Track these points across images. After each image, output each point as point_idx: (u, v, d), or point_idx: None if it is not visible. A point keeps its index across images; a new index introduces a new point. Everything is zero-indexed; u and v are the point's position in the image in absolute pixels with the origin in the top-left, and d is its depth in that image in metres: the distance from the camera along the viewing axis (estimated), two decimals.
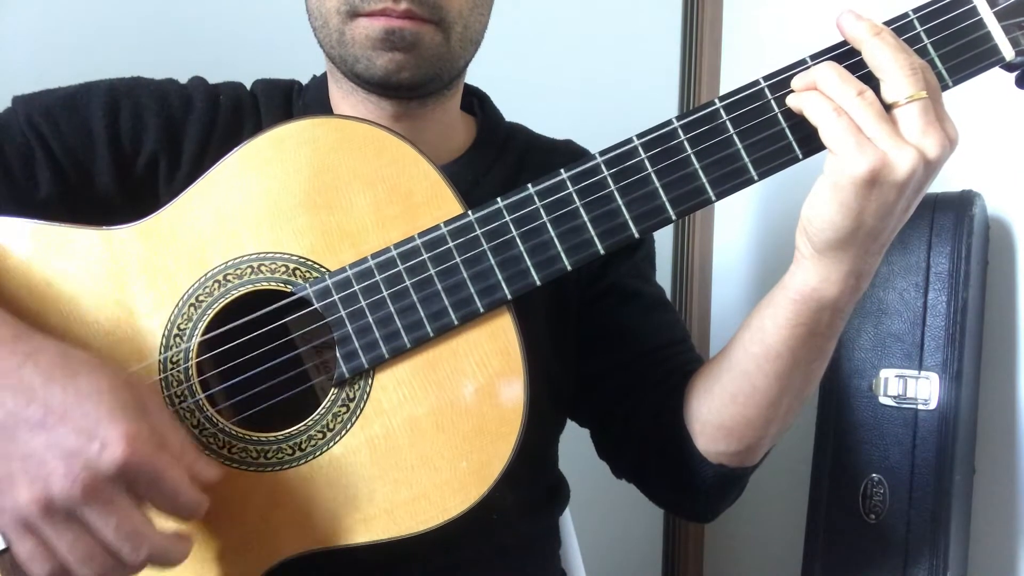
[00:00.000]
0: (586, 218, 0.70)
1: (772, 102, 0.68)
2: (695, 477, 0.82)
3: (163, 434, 0.61)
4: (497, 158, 0.91)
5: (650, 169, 0.69)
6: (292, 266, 0.72)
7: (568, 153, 0.96)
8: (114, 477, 0.58)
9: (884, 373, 1.21)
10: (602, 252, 0.70)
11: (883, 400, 1.21)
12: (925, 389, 1.18)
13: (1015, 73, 0.71)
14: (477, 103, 0.95)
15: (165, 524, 0.63)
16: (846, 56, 0.67)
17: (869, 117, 0.63)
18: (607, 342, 0.90)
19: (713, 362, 0.80)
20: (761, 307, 0.74)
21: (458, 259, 0.70)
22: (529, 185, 0.70)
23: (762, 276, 1.63)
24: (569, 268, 0.70)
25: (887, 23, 0.67)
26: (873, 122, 0.63)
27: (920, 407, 1.18)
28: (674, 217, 0.70)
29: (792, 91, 0.67)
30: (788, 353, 0.72)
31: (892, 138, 0.63)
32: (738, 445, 0.79)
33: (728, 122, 0.68)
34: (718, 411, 0.78)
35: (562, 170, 0.70)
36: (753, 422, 0.77)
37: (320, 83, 0.90)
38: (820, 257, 0.68)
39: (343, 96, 0.86)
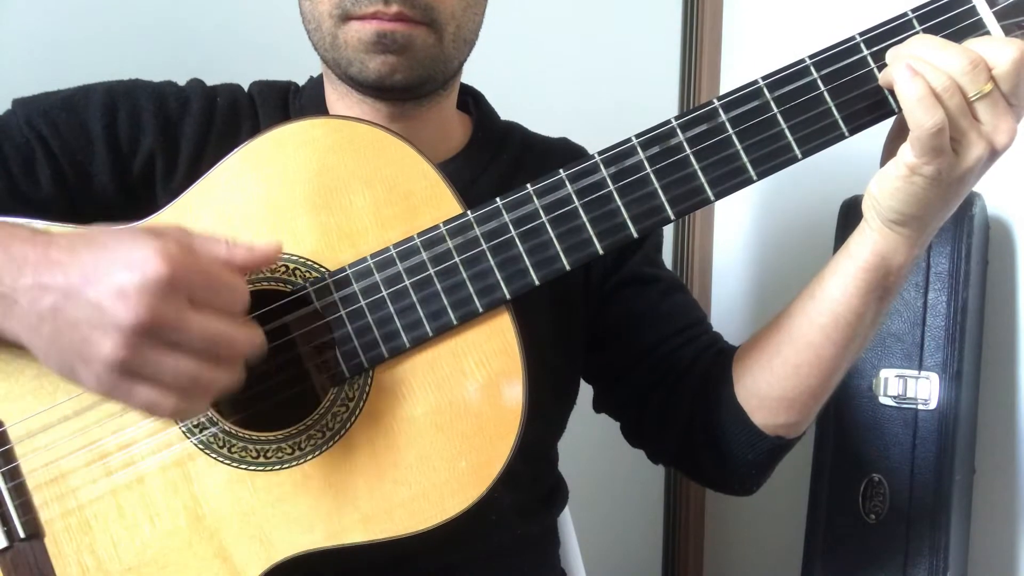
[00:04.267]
0: (585, 218, 0.70)
1: (771, 102, 0.68)
2: (750, 451, 0.83)
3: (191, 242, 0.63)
4: (493, 157, 0.91)
5: (649, 169, 0.69)
6: (292, 266, 0.72)
7: (565, 151, 0.96)
8: (167, 290, 0.59)
9: (884, 373, 1.21)
10: (601, 252, 0.70)
11: (883, 400, 1.21)
12: (925, 389, 1.18)
13: None
14: (472, 102, 0.95)
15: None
16: (846, 54, 0.67)
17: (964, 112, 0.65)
18: (632, 330, 0.91)
19: (766, 337, 0.80)
20: (824, 278, 0.75)
21: (457, 259, 0.70)
22: (528, 185, 0.70)
23: (762, 276, 1.63)
24: (568, 268, 0.70)
25: (886, 23, 0.67)
26: (962, 119, 0.65)
27: (920, 407, 1.18)
28: (673, 217, 0.70)
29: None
30: (857, 320, 0.74)
31: (972, 133, 0.65)
32: (798, 415, 0.81)
33: (727, 122, 0.68)
34: (779, 384, 0.79)
35: (561, 170, 0.70)
36: (815, 390, 0.79)
37: (316, 84, 0.90)
38: (889, 231, 0.71)
39: (339, 97, 0.86)
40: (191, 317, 0.60)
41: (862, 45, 0.68)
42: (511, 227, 0.70)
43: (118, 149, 0.82)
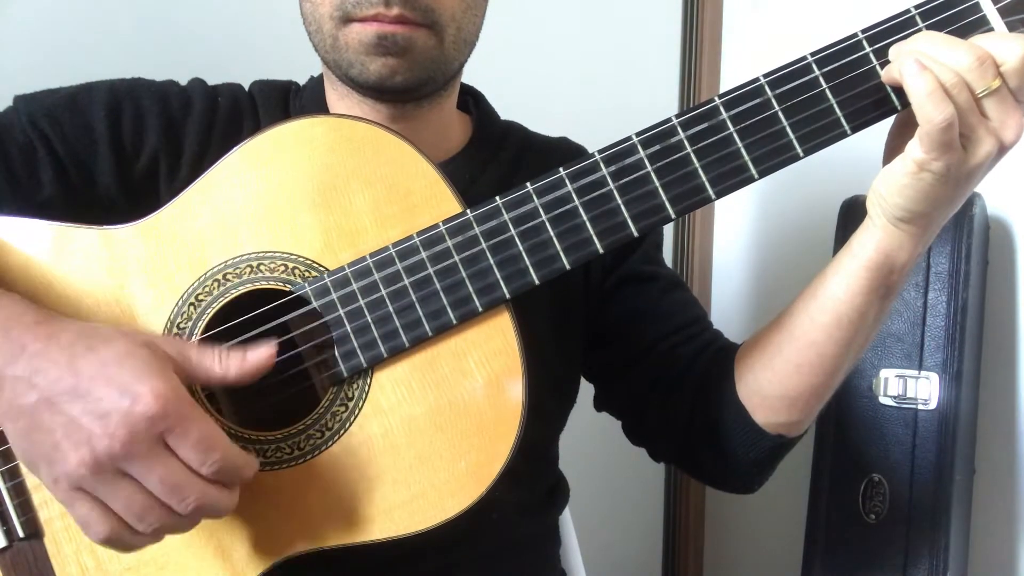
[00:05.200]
0: (585, 217, 0.69)
1: (772, 99, 0.68)
2: (751, 450, 0.83)
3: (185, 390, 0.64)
4: (493, 156, 0.91)
5: (649, 167, 0.69)
6: (291, 265, 0.72)
7: (565, 150, 0.96)
8: (149, 429, 0.60)
9: (884, 373, 1.21)
10: (601, 251, 0.70)
11: (883, 400, 1.21)
12: (925, 389, 1.18)
13: None
14: (472, 102, 0.95)
15: None
16: (849, 51, 0.67)
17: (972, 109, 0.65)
18: (632, 328, 0.91)
19: (768, 335, 0.80)
20: (826, 276, 0.75)
21: (456, 258, 0.70)
22: (528, 184, 0.70)
23: (762, 276, 1.63)
24: (568, 267, 0.70)
25: (888, 20, 0.67)
26: (971, 115, 0.64)
27: (920, 407, 1.18)
28: (673, 216, 0.69)
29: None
30: (859, 318, 0.74)
31: (980, 129, 0.65)
32: (800, 414, 0.80)
33: (728, 120, 0.68)
34: (781, 383, 0.79)
35: (560, 169, 0.70)
36: (817, 389, 0.78)
37: (317, 84, 0.90)
38: (893, 228, 0.70)
39: (339, 98, 0.86)
40: (160, 460, 0.61)
41: (864, 42, 0.67)
42: (511, 226, 0.70)
43: (122, 149, 0.81)
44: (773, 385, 0.79)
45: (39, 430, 0.62)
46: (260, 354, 0.67)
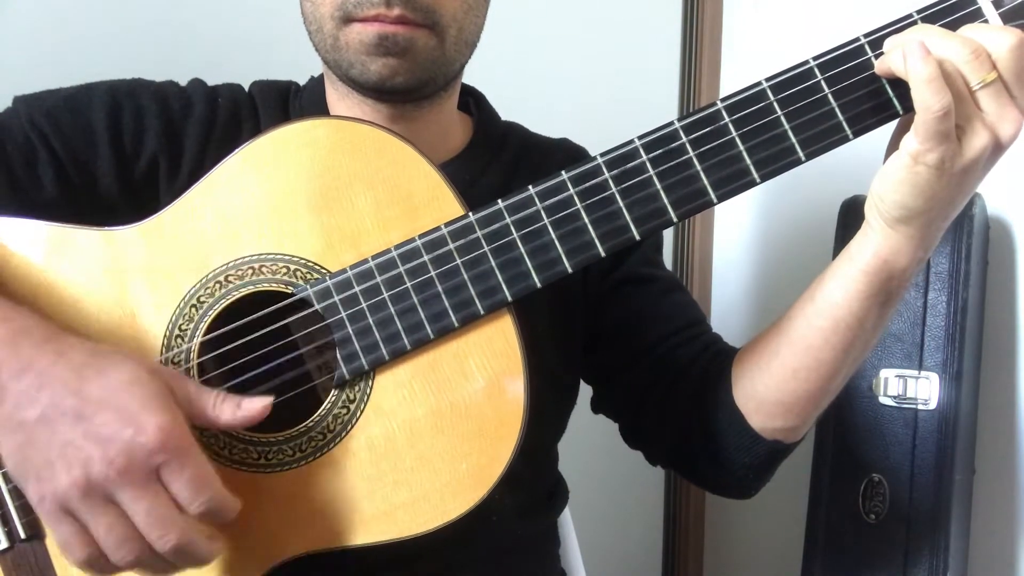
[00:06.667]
0: (587, 220, 0.69)
1: (775, 104, 0.68)
2: (747, 455, 0.82)
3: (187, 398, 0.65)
4: (494, 157, 0.91)
5: (652, 171, 0.69)
6: (293, 267, 0.72)
7: (565, 152, 0.96)
8: (146, 460, 0.60)
9: (884, 373, 1.21)
10: (603, 254, 0.70)
11: (883, 400, 1.21)
12: (925, 389, 1.18)
13: None
14: (473, 102, 0.95)
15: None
16: (851, 56, 0.67)
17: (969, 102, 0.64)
18: (630, 330, 0.90)
19: (765, 340, 0.80)
20: (824, 281, 0.74)
21: (459, 261, 0.70)
22: (530, 186, 0.70)
23: (762, 276, 1.63)
24: (570, 270, 0.70)
25: (890, 24, 0.67)
26: (966, 105, 0.64)
27: (920, 407, 1.18)
28: (675, 219, 0.69)
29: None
30: (858, 324, 0.73)
31: (975, 121, 0.64)
32: (796, 420, 0.80)
33: (730, 124, 0.68)
34: (777, 387, 0.78)
35: (563, 171, 0.70)
36: (814, 395, 0.78)
37: (317, 85, 0.90)
38: (891, 231, 0.69)
39: (339, 98, 0.86)
40: (150, 492, 0.61)
41: (867, 47, 0.67)
42: (513, 229, 0.70)
43: (122, 150, 0.81)
44: (770, 390, 0.79)
45: (34, 446, 0.62)
46: (254, 405, 0.67)
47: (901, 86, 0.65)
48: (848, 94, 0.67)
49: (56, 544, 0.63)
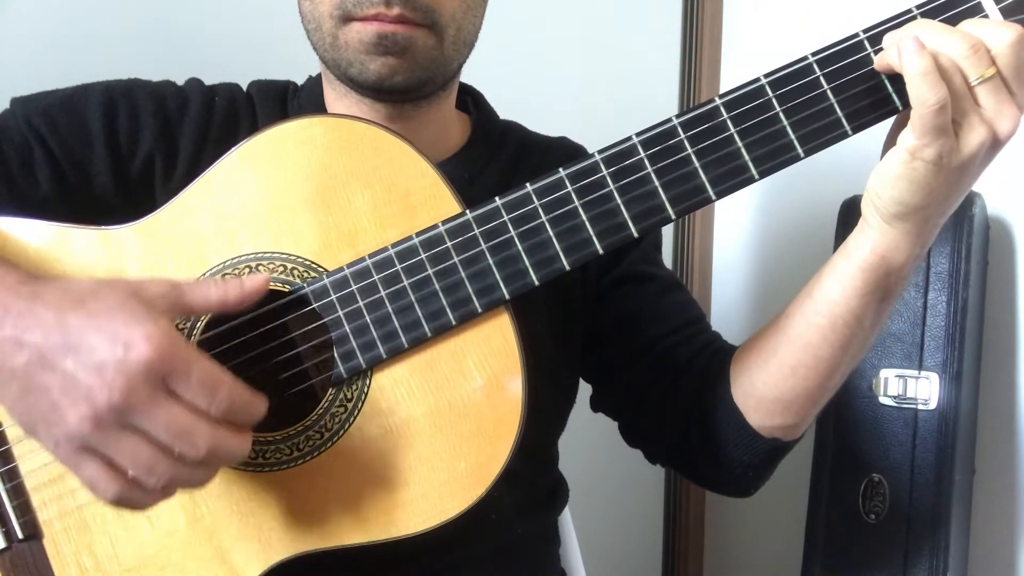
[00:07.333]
0: (585, 217, 0.69)
1: (773, 100, 0.67)
2: (746, 453, 0.82)
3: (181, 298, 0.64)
4: (492, 156, 0.91)
5: (649, 168, 0.69)
6: (290, 266, 0.71)
7: (564, 150, 0.96)
8: (146, 375, 0.58)
9: (884, 373, 1.21)
10: (601, 252, 0.69)
11: (883, 400, 1.21)
12: (925, 389, 1.17)
13: None
14: (471, 101, 0.95)
15: None
16: (850, 52, 0.67)
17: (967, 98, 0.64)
18: (629, 328, 0.90)
19: (764, 337, 0.80)
20: (822, 278, 0.74)
21: (456, 259, 0.70)
22: (527, 184, 0.70)
23: (762, 276, 1.63)
24: (568, 268, 0.70)
25: (889, 19, 0.67)
26: (964, 100, 0.64)
27: (920, 407, 1.18)
28: (674, 216, 0.69)
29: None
30: (856, 322, 0.73)
31: (973, 116, 0.64)
32: (795, 418, 0.79)
33: (728, 120, 0.68)
34: (776, 385, 0.78)
35: (560, 169, 0.70)
36: (813, 393, 0.78)
37: (315, 84, 0.90)
38: (888, 228, 0.69)
39: (337, 97, 0.86)
40: (161, 407, 0.59)
41: (866, 43, 0.67)
42: (510, 227, 0.70)
43: (118, 149, 0.81)
44: (768, 387, 0.79)
45: (34, 391, 0.60)
46: (256, 278, 0.66)
47: (900, 82, 0.65)
48: (847, 90, 0.67)
49: (86, 487, 0.61)
